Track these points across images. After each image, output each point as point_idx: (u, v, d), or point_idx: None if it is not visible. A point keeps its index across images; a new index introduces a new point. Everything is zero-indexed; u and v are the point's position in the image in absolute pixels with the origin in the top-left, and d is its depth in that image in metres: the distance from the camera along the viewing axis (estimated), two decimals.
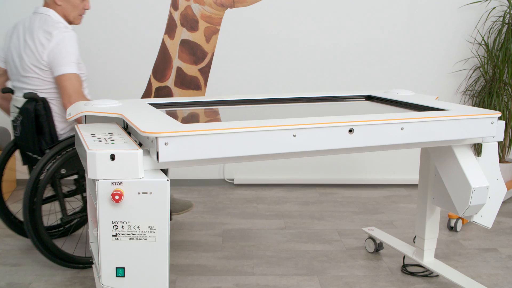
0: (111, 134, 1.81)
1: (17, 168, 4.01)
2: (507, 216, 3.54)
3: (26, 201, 2.50)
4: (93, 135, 1.78)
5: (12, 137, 3.91)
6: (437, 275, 2.63)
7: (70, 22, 2.76)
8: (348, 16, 3.94)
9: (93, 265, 2.59)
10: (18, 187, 4.00)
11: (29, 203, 2.50)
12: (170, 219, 3.13)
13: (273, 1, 3.89)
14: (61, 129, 2.69)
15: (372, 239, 2.91)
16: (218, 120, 2.24)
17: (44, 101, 2.64)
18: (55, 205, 3.58)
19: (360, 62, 4.00)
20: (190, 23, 3.86)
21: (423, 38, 4.00)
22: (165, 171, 2.74)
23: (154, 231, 1.63)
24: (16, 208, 3.46)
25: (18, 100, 2.68)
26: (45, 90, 2.65)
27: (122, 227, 1.62)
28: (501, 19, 3.93)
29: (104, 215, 1.60)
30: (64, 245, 2.94)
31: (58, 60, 2.57)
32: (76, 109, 2.01)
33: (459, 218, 3.22)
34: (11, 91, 2.78)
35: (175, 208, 3.26)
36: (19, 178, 4.02)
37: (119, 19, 3.83)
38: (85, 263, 2.66)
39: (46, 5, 2.71)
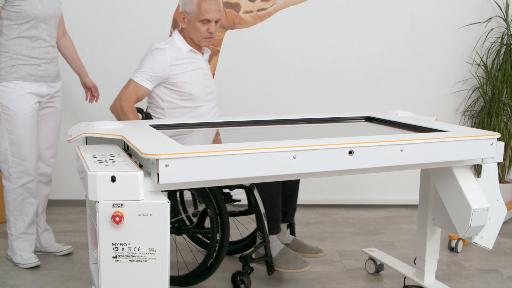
0: (111, 155, 1.81)
1: None
2: (507, 236, 3.53)
3: None
4: (94, 156, 1.79)
5: None
6: None
7: (196, 44, 2.89)
8: (347, 38, 3.97)
9: (92, 287, 2.58)
10: None
11: None
12: (270, 272, 2.65)
13: (272, 23, 3.92)
14: None
15: (373, 260, 2.90)
16: (219, 141, 2.24)
17: (147, 115, 2.89)
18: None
19: (360, 83, 4.02)
20: None
21: (422, 59, 4.03)
22: (224, 194, 2.76)
23: (154, 252, 1.63)
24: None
25: None
26: (150, 104, 2.91)
27: (123, 248, 1.62)
28: (499, 40, 3.96)
29: (104, 237, 1.60)
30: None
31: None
32: (77, 130, 2.02)
33: (459, 238, 3.21)
34: (140, 111, 2.91)
35: (280, 264, 2.67)
36: None
37: (119, 40, 3.86)
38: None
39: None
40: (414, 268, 2.66)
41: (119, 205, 1.59)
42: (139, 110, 2.90)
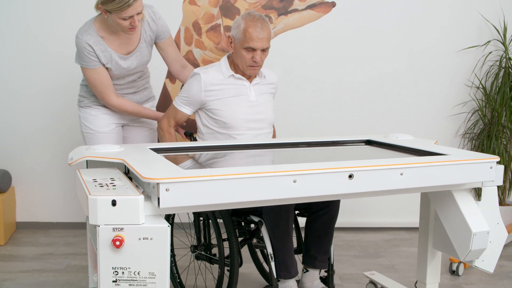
0: (112, 179, 1.82)
1: (17, 210, 4.00)
2: (509, 260, 3.52)
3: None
4: (95, 180, 1.79)
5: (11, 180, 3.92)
6: None
7: (242, 71, 2.75)
8: (347, 61, 3.99)
9: None
10: (17, 230, 3.97)
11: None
12: None
13: (272, 46, 3.94)
14: None
15: (373, 283, 2.88)
16: (219, 165, 2.25)
17: (195, 139, 2.88)
18: None
19: (359, 106, 4.04)
20: None
21: (421, 82, 4.05)
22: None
23: (155, 277, 1.63)
24: None
25: None
26: (197, 129, 2.84)
27: (123, 273, 1.61)
28: (497, 63, 3.99)
29: (104, 261, 1.60)
30: None
31: None
32: (78, 154, 2.03)
33: (461, 262, 3.20)
34: (190, 134, 2.92)
35: None
36: (19, 221, 4.00)
37: None
38: None
39: None
40: None
41: (119, 229, 1.59)
42: (188, 133, 2.91)
